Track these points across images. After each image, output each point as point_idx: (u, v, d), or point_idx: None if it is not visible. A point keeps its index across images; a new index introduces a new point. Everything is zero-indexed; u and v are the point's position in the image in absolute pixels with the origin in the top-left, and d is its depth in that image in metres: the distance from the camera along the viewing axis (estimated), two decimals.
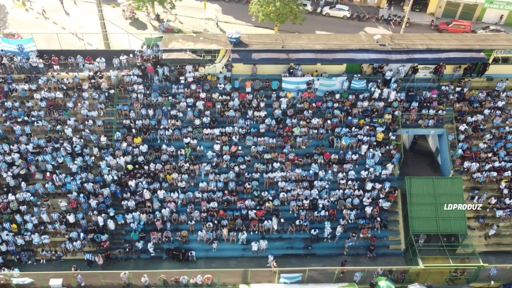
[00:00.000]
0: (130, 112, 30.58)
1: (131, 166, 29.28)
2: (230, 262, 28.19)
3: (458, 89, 31.81)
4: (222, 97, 31.22)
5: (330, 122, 30.64)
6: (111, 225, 27.89)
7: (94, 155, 29.60)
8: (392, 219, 29.74)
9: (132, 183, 28.73)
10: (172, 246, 28.31)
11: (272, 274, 26.16)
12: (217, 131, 30.26)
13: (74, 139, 29.57)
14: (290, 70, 31.48)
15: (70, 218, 27.73)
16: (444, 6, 51.59)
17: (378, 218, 28.83)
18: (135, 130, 30.15)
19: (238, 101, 31.01)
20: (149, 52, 31.72)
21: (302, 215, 28.81)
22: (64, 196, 28.65)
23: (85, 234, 27.75)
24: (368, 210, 28.86)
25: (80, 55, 31.86)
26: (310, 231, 28.53)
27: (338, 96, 31.43)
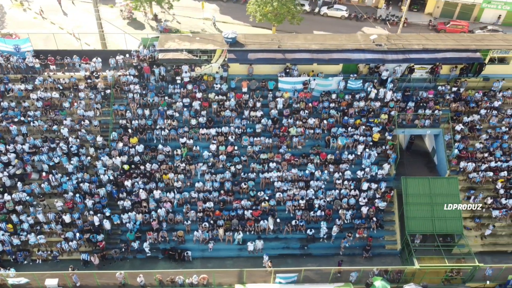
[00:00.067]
0: (126, 112, 30.61)
1: (127, 166, 29.30)
2: (226, 262, 28.19)
3: (454, 89, 31.82)
4: (218, 97, 31.23)
5: (326, 122, 30.65)
6: (107, 225, 27.93)
7: (90, 155, 29.61)
8: (388, 219, 29.74)
9: (128, 183, 28.73)
10: (168, 246, 28.31)
11: (267, 274, 26.16)
12: (213, 131, 30.28)
13: (70, 139, 29.59)
14: (287, 70, 31.47)
15: (66, 218, 27.76)
16: (442, 6, 51.41)
17: (374, 218, 28.84)
18: (131, 130, 30.19)
19: (235, 101, 31.02)
20: (145, 52, 31.72)
21: (298, 215, 28.83)
22: (60, 196, 28.69)
23: (81, 234, 27.77)
24: (364, 210, 28.87)
25: (76, 55, 31.85)
26: (306, 231, 28.53)
27: (334, 96, 31.44)
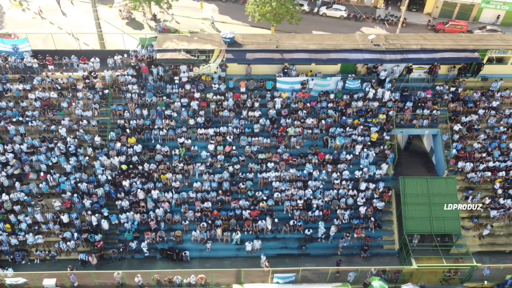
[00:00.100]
0: (125, 112, 30.59)
1: (125, 166, 29.29)
2: (224, 262, 28.19)
3: (452, 89, 31.80)
4: (216, 97, 31.22)
5: (324, 122, 30.64)
6: (105, 225, 27.92)
7: (88, 155, 29.59)
8: (386, 219, 29.73)
9: (126, 183, 28.73)
10: (166, 246, 28.31)
11: (265, 274, 26.15)
12: (211, 131, 30.27)
13: (68, 139, 29.57)
14: (285, 70, 31.47)
15: (64, 218, 27.76)
16: (441, 6, 51.49)
17: (372, 218, 28.83)
18: (129, 130, 30.17)
19: (233, 101, 31.02)
20: (143, 52, 31.73)
21: (296, 215, 28.83)
22: (58, 196, 28.69)
23: (79, 234, 27.77)
24: (362, 210, 28.87)
25: (74, 55, 31.86)
26: (304, 231, 28.53)
27: (332, 96, 31.43)
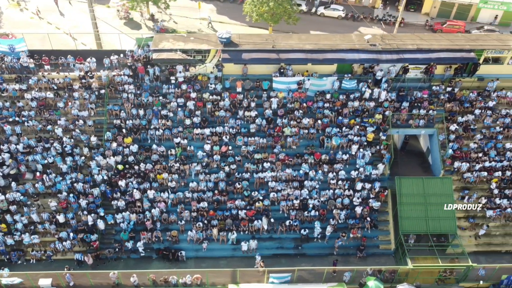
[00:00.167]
0: (121, 112, 30.60)
1: (121, 166, 29.28)
2: (220, 262, 28.20)
3: (448, 89, 31.81)
4: (212, 97, 31.21)
5: (320, 122, 30.64)
6: (101, 225, 27.92)
7: (84, 155, 29.60)
8: (382, 219, 29.73)
9: (122, 183, 28.73)
10: (162, 246, 28.32)
11: (261, 274, 26.16)
12: (207, 131, 30.27)
13: (65, 139, 29.59)
14: (281, 70, 31.47)
15: (60, 218, 27.77)
16: (438, 6, 51.48)
17: (368, 218, 28.83)
18: (126, 130, 30.19)
19: (229, 101, 31.02)
20: (139, 52, 31.72)
21: (292, 215, 28.84)
22: (54, 196, 28.69)
23: (75, 234, 27.78)
24: (358, 210, 28.87)
25: (70, 55, 31.86)
26: (300, 231, 28.54)
27: (328, 96, 31.44)
